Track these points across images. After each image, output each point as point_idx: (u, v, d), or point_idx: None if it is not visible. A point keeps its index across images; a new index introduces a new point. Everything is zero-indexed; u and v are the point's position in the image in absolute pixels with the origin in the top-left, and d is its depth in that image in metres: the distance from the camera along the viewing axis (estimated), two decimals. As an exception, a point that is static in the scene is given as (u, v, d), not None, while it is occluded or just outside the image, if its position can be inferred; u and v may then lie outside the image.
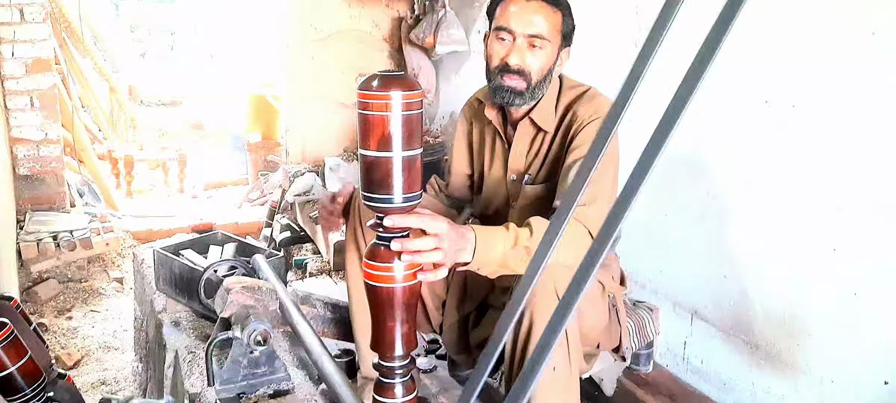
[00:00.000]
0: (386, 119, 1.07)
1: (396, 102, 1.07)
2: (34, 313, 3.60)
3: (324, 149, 4.22)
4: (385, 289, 1.14)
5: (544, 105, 1.70)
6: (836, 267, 1.80)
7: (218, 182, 6.38)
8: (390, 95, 1.06)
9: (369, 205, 1.14)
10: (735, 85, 2.02)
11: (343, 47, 4.13)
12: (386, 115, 1.07)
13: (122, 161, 5.87)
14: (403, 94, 1.07)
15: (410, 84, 1.10)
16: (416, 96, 1.09)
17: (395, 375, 1.17)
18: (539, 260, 0.64)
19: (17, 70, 4.16)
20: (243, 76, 7.55)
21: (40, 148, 4.32)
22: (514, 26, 1.61)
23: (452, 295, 1.89)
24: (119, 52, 7.85)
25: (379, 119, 1.08)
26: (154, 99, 8.96)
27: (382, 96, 1.07)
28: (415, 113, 1.09)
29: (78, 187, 4.78)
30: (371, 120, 1.08)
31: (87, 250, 4.06)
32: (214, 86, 8.78)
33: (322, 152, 4.18)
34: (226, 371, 1.89)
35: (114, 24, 9.78)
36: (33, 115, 4.26)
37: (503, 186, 1.82)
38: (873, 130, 1.69)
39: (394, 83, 1.08)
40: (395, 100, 1.07)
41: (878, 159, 1.69)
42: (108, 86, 6.76)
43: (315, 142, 4.26)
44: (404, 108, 1.07)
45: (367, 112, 1.08)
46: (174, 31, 11.51)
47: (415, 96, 1.09)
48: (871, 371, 1.74)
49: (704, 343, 2.23)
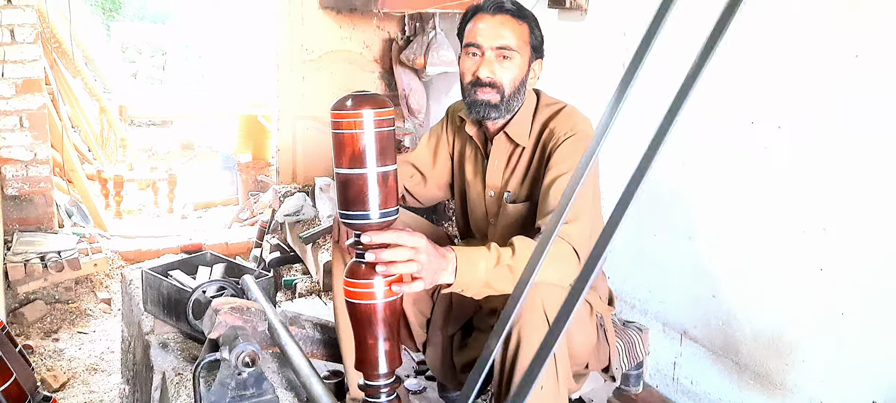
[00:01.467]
0: (358, 136, 1.09)
1: (368, 120, 1.09)
2: (20, 334, 3.56)
3: (314, 169, 4.22)
4: (365, 306, 1.15)
5: (520, 119, 1.72)
6: (823, 288, 1.81)
7: (208, 202, 6.36)
8: (362, 113, 1.08)
9: (346, 223, 1.15)
10: (721, 106, 2.04)
11: (334, 68, 4.14)
12: (358, 133, 1.09)
13: (111, 181, 5.85)
14: (375, 112, 1.09)
15: (382, 102, 1.12)
16: (388, 114, 1.11)
17: (381, 394, 1.17)
18: (526, 279, 0.64)
19: (7, 90, 4.15)
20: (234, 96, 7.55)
21: (29, 168, 4.30)
22: (482, 41, 1.65)
23: (437, 314, 1.89)
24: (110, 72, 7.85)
25: (351, 137, 1.10)
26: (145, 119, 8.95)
27: (354, 114, 1.09)
28: (387, 130, 1.11)
29: (66, 208, 4.75)
30: (343, 138, 1.10)
31: (74, 271, 4.03)
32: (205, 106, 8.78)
33: (313, 173, 4.18)
34: (213, 393, 1.87)
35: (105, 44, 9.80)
36: (22, 135, 4.24)
37: (483, 203, 1.83)
38: (858, 151, 1.71)
39: (365, 102, 1.10)
40: (367, 118, 1.09)
41: (864, 180, 1.70)
42: (98, 106, 6.75)
43: (306, 162, 4.26)
44: (377, 126, 1.09)
45: (340, 131, 1.10)
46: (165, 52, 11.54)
47: (386, 114, 1.11)
48: (859, 391, 1.74)
49: (694, 364, 2.23)
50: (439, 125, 1.96)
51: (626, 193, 0.56)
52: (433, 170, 1.94)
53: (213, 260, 2.62)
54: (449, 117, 1.94)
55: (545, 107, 1.74)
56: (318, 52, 4.12)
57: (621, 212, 0.56)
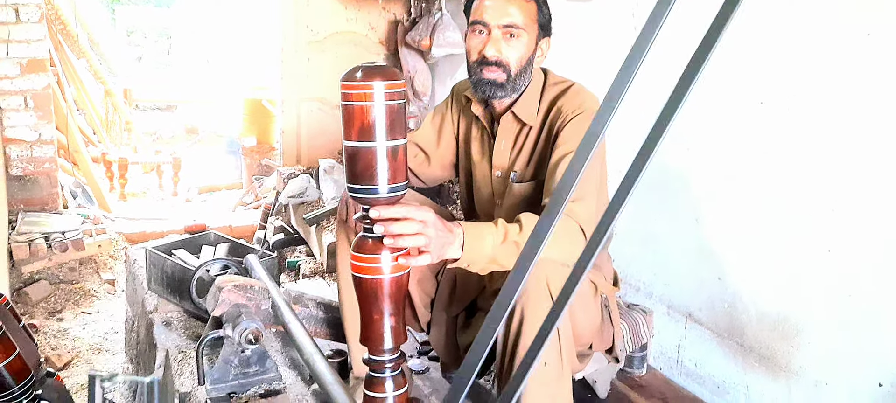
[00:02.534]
0: (367, 109, 1.08)
1: (378, 92, 1.07)
2: (25, 314, 3.57)
3: (319, 151, 4.21)
4: (372, 281, 1.14)
5: (527, 98, 1.70)
6: (830, 269, 1.79)
7: (212, 186, 6.36)
8: (372, 85, 1.07)
9: (354, 197, 1.14)
10: (730, 85, 2.02)
11: (339, 50, 4.13)
12: (367, 105, 1.07)
13: (115, 163, 5.85)
14: (386, 84, 1.07)
15: (392, 74, 1.10)
16: (398, 86, 1.09)
17: (385, 369, 1.16)
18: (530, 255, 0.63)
19: (12, 70, 4.15)
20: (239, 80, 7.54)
21: (33, 148, 4.30)
22: (489, 19, 1.63)
23: (441, 293, 1.88)
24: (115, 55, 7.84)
25: (360, 109, 1.08)
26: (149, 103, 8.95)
27: (364, 86, 1.07)
28: (397, 103, 1.09)
29: (71, 189, 4.76)
30: (353, 110, 1.09)
31: (79, 252, 4.04)
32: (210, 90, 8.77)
33: (317, 155, 4.17)
34: (216, 370, 1.87)
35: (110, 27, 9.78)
36: (27, 116, 4.24)
37: (489, 183, 1.81)
38: (868, 131, 1.69)
39: (376, 73, 1.08)
40: (377, 90, 1.07)
41: (873, 160, 1.69)
42: (103, 89, 6.75)
43: (310, 144, 4.25)
44: (387, 98, 1.08)
45: (349, 103, 1.09)
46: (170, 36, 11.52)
47: (396, 86, 1.09)
48: (866, 374, 1.73)
49: (698, 346, 2.22)
50: (444, 104, 1.94)
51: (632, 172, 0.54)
52: (437, 149, 1.92)
53: (216, 239, 2.62)
54: (454, 96, 1.92)
55: (552, 85, 1.73)
56: (323, 33, 4.11)
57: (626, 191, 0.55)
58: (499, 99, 1.69)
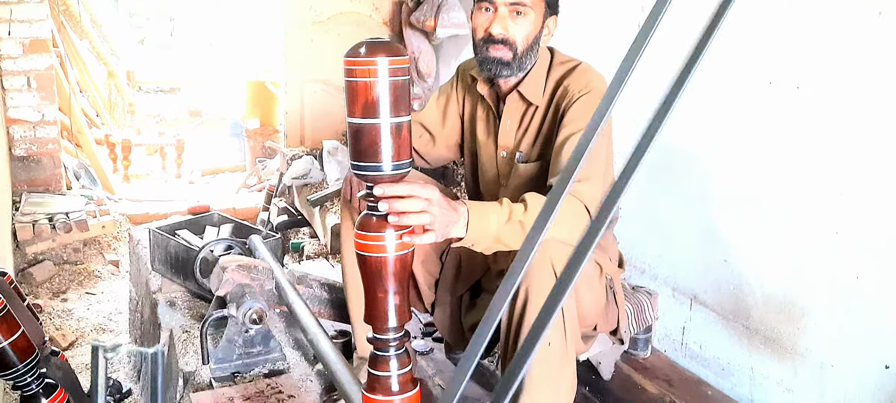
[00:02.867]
0: (371, 85, 1.06)
1: (382, 68, 1.06)
2: (29, 294, 3.58)
3: (322, 133, 4.19)
4: (376, 259, 1.13)
5: (533, 78, 1.68)
6: (837, 251, 1.78)
7: (215, 168, 6.36)
8: (376, 61, 1.05)
9: (358, 174, 1.13)
10: (738, 65, 2.00)
11: (342, 30, 4.10)
12: (371, 81, 1.06)
13: (119, 145, 5.85)
14: (390, 60, 1.06)
15: (397, 50, 1.08)
16: (402, 62, 1.08)
17: (389, 347, 1.15)
18: (535, 236, 0.62)
19: (15, 50, 4.13)
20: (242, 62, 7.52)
21: (37, 129, 4.29)
22: None
23: (446, 274, 1.88)
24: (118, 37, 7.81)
25: (364, 85, 1.06)
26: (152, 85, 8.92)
27: (368, 62, 1.06)
28: (401, 79, 1.08)
29: (74, 170, 4.75)
30: (356, 86, 1.07)
31: (82, 232, 4.04)
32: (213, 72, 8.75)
33: (321, 136, 4.15)
34: (220, 350, 1.88)
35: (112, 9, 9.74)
36: (30, 96, 4.23)
37: (494, 164, 1.79)
38: (878, 114, 1.67)
39: (380, 49, 1.07)
40: (381, 65, 1.05)
41: (883, 142, 1.67)
42: (106, 70, 6.73)
43: (313, 125, 4.24)
44: (391, 74, 1.06)
45: (353, 78, 1.07)
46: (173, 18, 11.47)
47: (401, 62, 1.07)
48: (872, 356, 1.72)
49: (703, 329, 2.21)
50: (449, 84, 1.92)
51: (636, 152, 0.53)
52: (442, 129, 1.91)
53: (220, 220, 2.61)
54: (459, 76, 1.90)
55: (559, 64, 1.71)
56: (327, 13, 4.08)
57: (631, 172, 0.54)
58: (505, 78, 1.67)
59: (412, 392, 1.18)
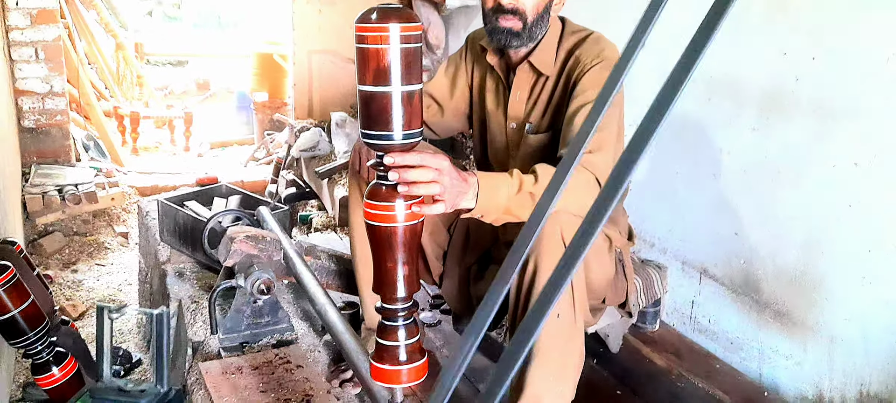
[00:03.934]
0: (383, 52, 1.04)
1: (394, 35, 1.04)
2: (39, 265, 3.60)
3: (331, 104, 4.18)
4: (385, 229, 1.12)
5: (544, 48, 1.66)
6: (851, 224, 1.76)
7: (224, 141, 6.35)
8: (388, 27, 1.03)
9: (368, 143, 1.11)
10: (753, 35, 1.97)
11: (351, 1, 4.06)
12: (383, 48, 1.04)
13: (127, 118, 5.85)
14: (401, 27, 1.04)
15: (409, 16, 1.06)
16: (415, 29, 1.06)
17: (398, 317, 1.15)
18: (544, 206, 0.61)
19: (22, 20, 4.12)
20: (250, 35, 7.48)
21: (45, 100, 4.29)
22: None
23: (454, 245, 1.87)
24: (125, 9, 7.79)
25: (375, 52, 1.05)
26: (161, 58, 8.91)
27: (380, 28, 1.04)
28: (413, 46, 1.06)
29: (83, 142, 4.76)
30: (368, 53, 1.05)
31: (92, 204, 4.05)
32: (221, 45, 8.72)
33: (329, 108, 4.14)
34: (229, 320, 1.88)
35: (120, -19, 9.69)
36: (38, 67, 4.23)
37: (504, 135, 1.78)
38: (894, 84, 1.64)
39: (392, 15, 1.04)
40: (393, 32, 1.03)
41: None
42: (114, 43, 6.71)
43: (321, 97, 4.22)
44: (403, 41, 1.04)
45: (364, 45, 1.05)
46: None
47: (413, 29, 1.05)
48: (884, 329, 1.71)
49: (712, 302, 2.20)
50: (458, 54, 1.90)
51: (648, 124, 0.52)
52: (451, 100, 1.89)
53: (228, 191, 2.61)
54: (469, 46, 1.88)
55: (570, 34, 1.68)
56: (336, -15, 4.05)
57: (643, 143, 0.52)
58: (515, 48, 1.65)
59: (420, 362, 1.18)
